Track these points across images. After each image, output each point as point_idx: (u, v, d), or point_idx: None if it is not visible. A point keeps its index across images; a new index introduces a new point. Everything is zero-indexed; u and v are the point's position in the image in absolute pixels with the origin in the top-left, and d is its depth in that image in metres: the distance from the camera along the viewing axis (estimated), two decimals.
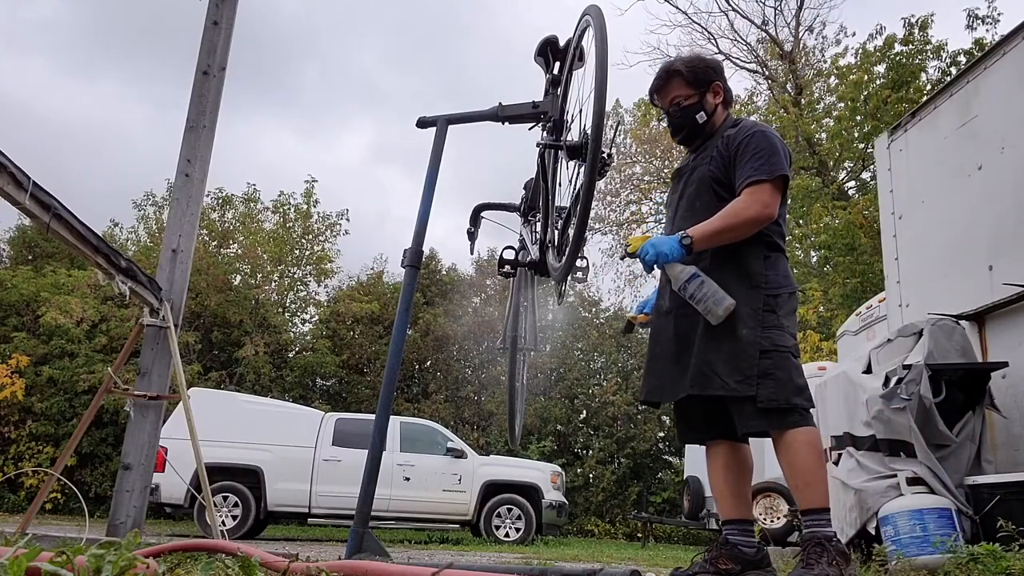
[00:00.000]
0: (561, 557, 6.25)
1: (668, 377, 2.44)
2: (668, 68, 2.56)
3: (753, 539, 2.42)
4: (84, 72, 34.84)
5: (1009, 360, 3.64)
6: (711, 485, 2.55)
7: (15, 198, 2.70)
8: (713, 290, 2.25)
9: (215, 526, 4.06)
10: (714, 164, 2.46)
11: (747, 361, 2.25)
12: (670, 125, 2.63)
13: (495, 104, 2.77)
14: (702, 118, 2.53)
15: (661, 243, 2.29)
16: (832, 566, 2.05)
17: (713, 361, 2.29)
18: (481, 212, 3.40)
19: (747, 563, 2.34)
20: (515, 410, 3.47)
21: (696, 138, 2.59)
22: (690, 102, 2.53)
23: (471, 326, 19.05)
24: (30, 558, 1.11)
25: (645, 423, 17.88)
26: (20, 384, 14.46)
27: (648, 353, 2.60)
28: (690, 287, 2.27)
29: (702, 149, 2.56)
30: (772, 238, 2.41)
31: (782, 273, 2.41)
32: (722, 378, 2.26)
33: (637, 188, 19.01)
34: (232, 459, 9.34)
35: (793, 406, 2.25)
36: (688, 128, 2.56)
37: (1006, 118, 3.89)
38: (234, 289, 17.54)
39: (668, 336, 2.48)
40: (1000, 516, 2.98)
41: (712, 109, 2.54)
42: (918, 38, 14.52)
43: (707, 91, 2.53)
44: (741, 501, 2.45)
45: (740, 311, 2.28)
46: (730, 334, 2.28)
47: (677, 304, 2.43)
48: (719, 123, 2.56)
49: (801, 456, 2.23)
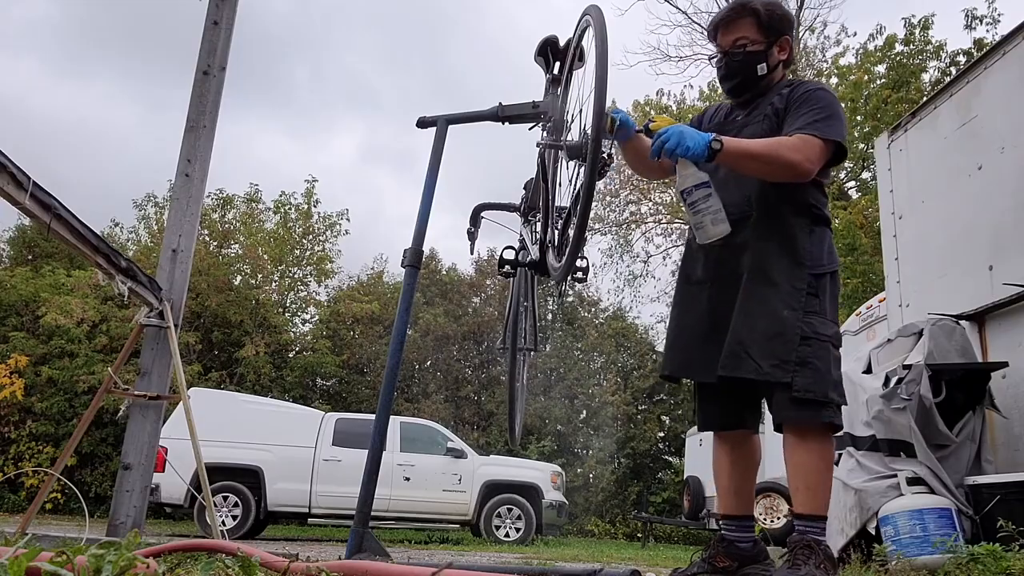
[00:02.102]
0: (561, 557, 6.25)
1: (698, 353, 2.27)
2: (744, 2, 2.28)
3: (751, 534, 2.34)
4: (74, 72, 34.78)
5: (1009, 360, 3.64)
6: (714, 477, 2.42)
7: (15, 198, 2.70)
8: (717, 208, 2.08)
9: (215, 526, 4.06)
10: (768, 123, 2.25)
11: (785, 345, 2.08)
12: (724, 68, 2.34)
13: (495, 104, 2.77)
14: (763, 70, 2.28)
15: (689, 135, 2.05)
16: (819, 569, 1.98)
17: (747, 341, 2.11)
18: (481, 212, 3.40)
19: (744, 559, 2.29)
20: (515, 410, 3.46)
21: (747, 91, 2.34)
22: (756, 48, 2.27)
23: (471, 326, 19.06)
24: (30, 558, 1.11)
25: (645, 423, 17.90)
26: (20, 384, 14.46)
27: (673, 324, 2.40)
28: (695, 194, 2.07)
29: (752, 106, 2.34)
30: (820, 209, 2.23)
31: (827, 249, 2.22)
32: (755, 360, 2.09)
33: (637, 188, 18.99)
34: (232, 459, 9.34)
35: (829, 400, 2.09)
36: (743, 77, 2.31)
37: (1006, 118, 3.89)
38: (234, 289, 17.54)
39: (701, 309, 2.29)
40: (1000, 516, 2.98)
41: (774, 64, 2.31)
42: (919, 38, 14.53)
43: (776, 42, 2.30)
44: (742, 497, 2.36)
45: (782, 289, 2.12)
46: (769, 313, 2.11)
47: (712, 274, 2.28)
48: (774, 82, 2.33)
49: (815, 459, 2.11)
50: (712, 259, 2.29)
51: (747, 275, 2.19)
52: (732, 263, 2.22)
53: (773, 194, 2.20)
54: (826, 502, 2.13)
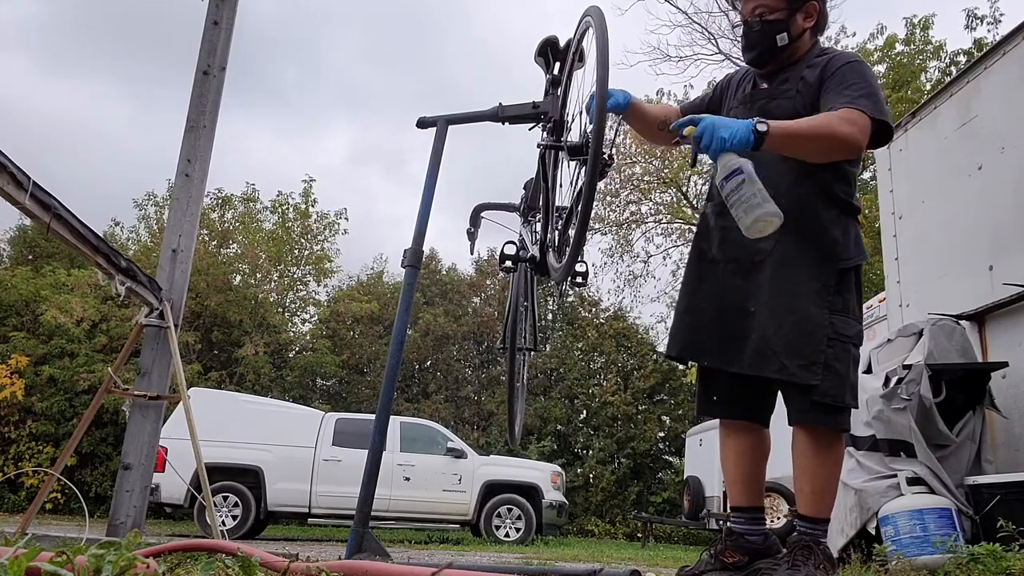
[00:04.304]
0: (561, 557, 6.25)
1: (708, 336, 2.16)
2: None
3: (761, 527, 2.23)
4: (64, 71, 34.65)
5: (1009, 360, 3.64)
6: (723, 467, 2.31)
7: (15, 198, 2.70)
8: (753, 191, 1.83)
9: (215, 526, 4.06)
10: (802, 98, 2.11)
11: (812, 346, 2.00)
12: (744, 39, 2.23)
13: (495, 104, 2.77)
14: (783, 40, 2.14)
15: (722, 124, 1.86)
16: (819, 569, 1.95)
17: (773, 339, 2.02)
18: (481, 212, 3.39)
19: (755, 553, 2.17)
20: (515, 410, 3.46)
21: (769, 62, 2.21)
22: (775, 16, 2.13)
23: (471, 326, 19.06)
24: (30, 558, 1.11)
25: (645, 423, 17.89)
26: (20, 384, 14.46)
27: (682, 302, 2.27)
28: (729, 183, 1.85)
29: (781, 78, 2.20)
30: (849, 199, 2.12)
31: (854, 240, 2.11)
32: (781, 359, 2.00)
33: (637, 188, 18.98)
34: (232, 459, 9.34)
35: (846, 406, 2.03)
36: (763, 48, 2.17)
37: (1006, 118, 3.89)
38: (234, 289, 17.54)
39: (713, 288, 2.18)
40: (1000, 516, 2.98)
41: (798, 33, 2.16)
42: (919, 38, 14.53)
43: (800, 9, 2.14)
44: (752, 488, 2.25)
45: (809, 286, 2.03)
46: (797, 310, 2.02)
47: (727, 254, 2.18)
48: (803, 51, 2.19)
49: (826, 463, 2.06)
50: (730, 239, 2.16)
51: (773, 267, 2.10)
52: (751, 246, 2.08)
53: (805, 182, 2.09)
54: (831, 505, 2.09)
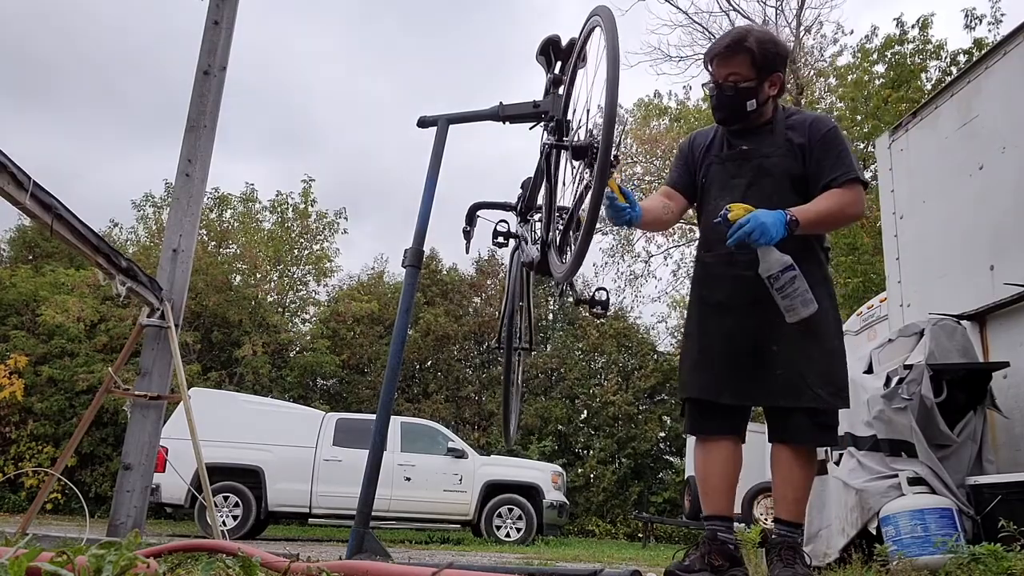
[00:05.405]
0: (562, 557, 6.25)
1: (727, 376, 2.35)
2: (740, 40, 2.35)
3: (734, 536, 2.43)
4: None
5: (1010, 360, 3.63)
6: (703, 478, 2.46)
7: (16, 198, 2.70)
8: (804, 288, 2.13)
9: (215, 526, 4.06)
10: (793, 158, 2.36)
11: (838, 373, 2.29)
12: (715, 100, 2.43)
13: (495, 104, 2.77)
14: (752, 105, 2.36)
15: (768, 220, 2.11)
16: (806, 567, 2.26)
17: (805, 372, 2.26)
18: (477, 211, 3.38)
19: (733, 560, 2.35)
20: (510, 410, 3.45)
21: (735, 122, 2.44)
22: (747, 85, 2.35)
23: (472, 326, 19.05)
24: (30, 558, 1.11)
25: (646, 423, 17.88)
26: (20, 384, 14.46)
27: (694, 346, 2.46)
28: (783, 278, 2.11)
29: (759, 138, 2.42)
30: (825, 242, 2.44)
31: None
32: (813, 389, 2.24)
33: (638, 188, 18.99)
34: (232, 459, 9.34)
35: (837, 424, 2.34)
36: (732, 110, 2.40)
37: (1007, 118, 3.89)
38: (233, 289, 17.53)
39: (722, 331, 2.38)
40: (1001, 516, 2.97)
41: (765, 99, 2.38)
42: (917, 37, 14.53)
43: (767, 79, 2.37)
44: (732, 498, 2.46)
45: (829, 317, 2.30)
46: (820, 343, 2.29)
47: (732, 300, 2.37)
48: (767, 115, 2.43)
49: (810, 476, 2.35)
50: (728, 286, 2.40)
51: None
52: (750, 290, 2.30)
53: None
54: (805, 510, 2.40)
